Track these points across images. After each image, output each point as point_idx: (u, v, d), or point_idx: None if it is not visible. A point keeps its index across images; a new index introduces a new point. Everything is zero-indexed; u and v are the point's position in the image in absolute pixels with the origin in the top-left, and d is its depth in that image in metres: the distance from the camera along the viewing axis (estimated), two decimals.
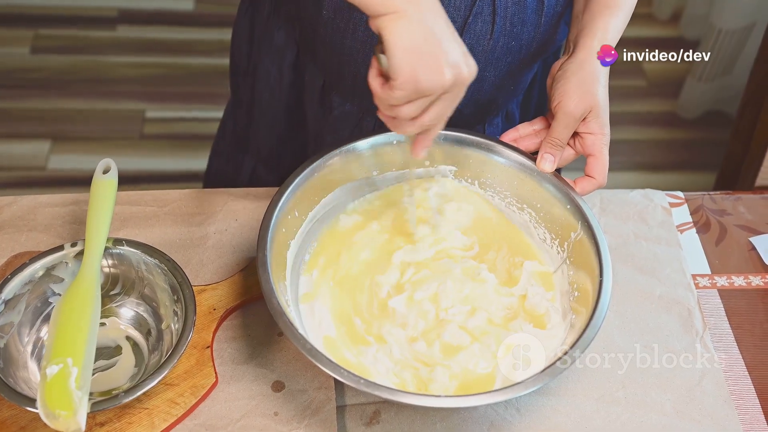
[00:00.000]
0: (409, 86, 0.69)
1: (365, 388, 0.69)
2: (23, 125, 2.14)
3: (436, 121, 0.74)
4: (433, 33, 0.69)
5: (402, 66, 0.68)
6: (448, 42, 0.70)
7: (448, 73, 0.69)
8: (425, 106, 0.71)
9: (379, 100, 0.72)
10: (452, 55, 0.70)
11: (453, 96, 0.72)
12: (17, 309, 0.79)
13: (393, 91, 0.69)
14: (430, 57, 0.69)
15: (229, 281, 0.87)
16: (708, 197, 1.04)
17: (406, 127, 0.74)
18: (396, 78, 0.68)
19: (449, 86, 0.70)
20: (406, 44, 0.68)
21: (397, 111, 0.72)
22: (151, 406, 0.77)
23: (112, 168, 0.85)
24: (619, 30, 0.88)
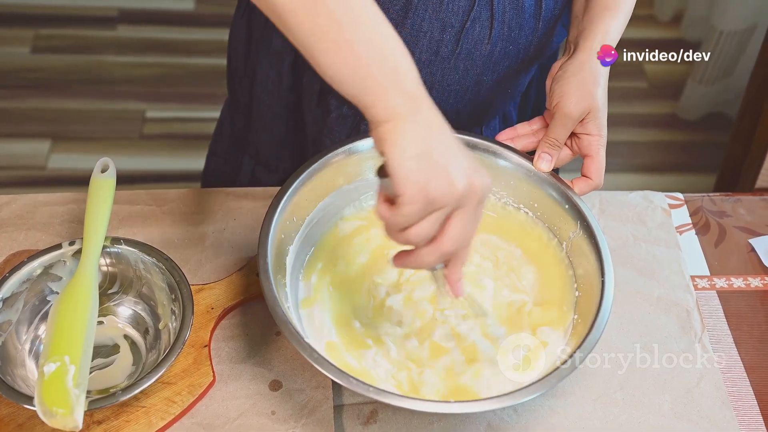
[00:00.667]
0: (418, 198, 0.61)
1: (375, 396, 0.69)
2: (23, 125, 2.14)
3: (457, 243, 0.65)
4: (440, 140, 0.64)
5: (407, 176, 0.61)
6: (456, 150, 0.64)
7: (458, 179, 0.63)
8: (440, 222, 0.64)
9: (390, 227, 0.64)
10: (462, 162, 0.64)
11: (469, 212, 0.64)
12: (15, 307, 0.79)
13: (401, 207, 0.62)
14: (437, 164, 0.62)
15: (226, 280, 0.87)
16: (708, 199, 1.04)
17: (426, 257, 0.65)
18: (402, 191, 0.61)
19: (461, 195, 0.63)
20: (410, 152, 0.62)
21: (410, 233, 0.63)
22: (149, 404, 0.77)
23: (111, 167, 0.85)
24: (619, 31, 0.88)
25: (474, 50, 0.90)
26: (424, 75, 0.92)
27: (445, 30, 0.88)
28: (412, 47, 0.89)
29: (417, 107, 0.64)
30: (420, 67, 0.90)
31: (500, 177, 0.89)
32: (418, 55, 0.90)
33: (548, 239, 0.88)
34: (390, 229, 0.65)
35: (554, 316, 0.83)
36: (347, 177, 0.88)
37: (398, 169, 0.62)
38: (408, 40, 0.89)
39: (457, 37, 0.89)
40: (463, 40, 0.89)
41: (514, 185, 0.89)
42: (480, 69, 0.93)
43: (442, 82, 0.93)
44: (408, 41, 0.89)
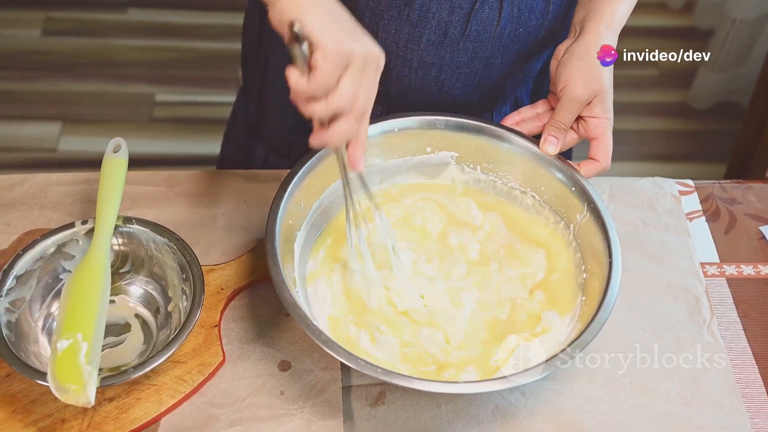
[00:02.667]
0: (335, 51, 0.65)
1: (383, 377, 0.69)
2: (34, 107, 2.15)
3: (366, 104, 0.70)
4: (342, 7, 0.69)
5: (322, 32, 0.65)
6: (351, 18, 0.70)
7: (366, 38, 0.68)
8: (356, 81, 0.67)
9: (310, 97, 0.67)
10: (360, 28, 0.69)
11: (373, 71, 0.69)
12: (29, 284, 0.79)
13: (320, 65, 0.65)
14: (347, 22, 0.68)
15: (237, 261, 0.87)
16: (718, 186, 1.03)
17: (343, 124, 0.69)
18: (319, 46, 0.65)
19: (367, 53, 0.68)
20: (318, 13, 0.66)
21: (336, 97, 0.67)
22: (159, 382, 0.77)
23: (123, 147, 0.85)
24: (626, 14, 0.88)
25: (483, 32, 0.90)
26: (433, 56, 0.92)
27: (454, 11, 0.88)
28: (420, 28, 0.89)
29: None
30: (429, 48, 0.91)
31: (507, 161, 0.89)
32: (427, 36, 0.90)
33: (555, 222, 0.88)
34: (309, 100, 0.67)
35: (561, 299, 0.83)
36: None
37: (316, 24, 0.65)
38: (416, 21, 0.89)
39: (466, 18, 0.89)
40: (472, 21, 0.89)
41: (520, 169, 0.89)
42: (489, 51, 0.92)
43: (450, 63, 0.93)
44: (416, 22, 0.89)
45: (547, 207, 0.89)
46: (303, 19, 0.65)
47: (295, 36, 0.65)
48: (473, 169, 0.91)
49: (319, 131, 0.70)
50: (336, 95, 0.67)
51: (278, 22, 0.67)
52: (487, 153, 0.90)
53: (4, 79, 2.21)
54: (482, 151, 0.90)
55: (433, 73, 0.93)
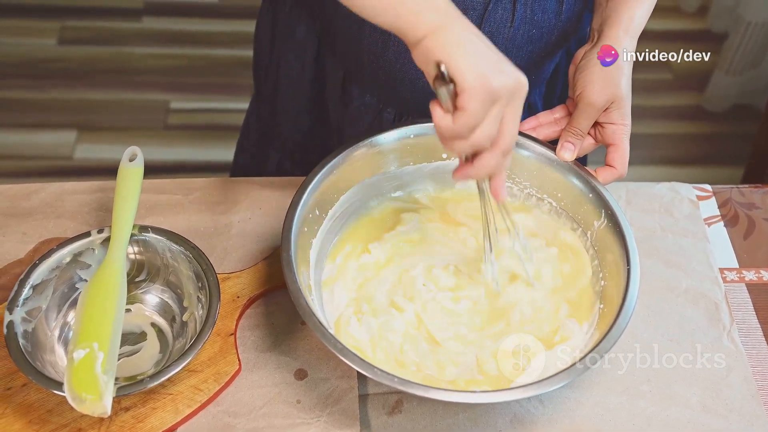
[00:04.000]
0: (481, 91, 0.64)
1: (400, 387, 0.69)
2: (50, 115, 2.16)
3: (512, 140, 0.69)
4: (484, 39, 0.67)
5: (470, 68, 0.64)
6: (496, 49, 0.68)
7: (511, 71, 0.67)
8: (499, 118, 0.67)
9: (453, 134, 0.66)
10: (505, 58, 0.68)
11: (517, 107, 0.68)
12: (45, 294, 0.80)
13: (466, 105, 0.64)
14: (491, 57, 0.66)
15: (252, 269, 0.87)
16: (736, 190, 1.02)
17: (489, 160, 0.69)
18: (465, 87, 0.64)
19: (514, 86, 0.67)
20: (467, 49, 0.65)
21: (476, 134, 0.66)
22: (175, 391, 0.77)
23: (139, 156, 0.85)
24: (644, 19, 0.87)
25: (496, 33, 0.90)
26: None
27: (467, 12, 0.88)
28: None
29: (452, 18, 0.67)
30: None
31: (523, 167, 0.89)
32: None
33: (572, 229, 0.87)
34: (452, 138, 0.67)
35: (580, 306, 0.82)
36: (369, 170, 0.87)
37: (461, 64, 0.64)
38: None
39: (479, 19, 0.88)
40: (486, 22, 0.88)
41: (537, 175, 0.88)
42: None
43: None
44: None
45: (564, 214, 0.88)
46: (449, 60, 0.65)
47: (441, 75, 0.65)
48: None
49: (464, 166, 0.70)
50: (478, 134, 0.66)
51: (423, 62, 0.67)
52: None
53: (20, 87, 2.23)
54: None
55: None
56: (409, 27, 0.67)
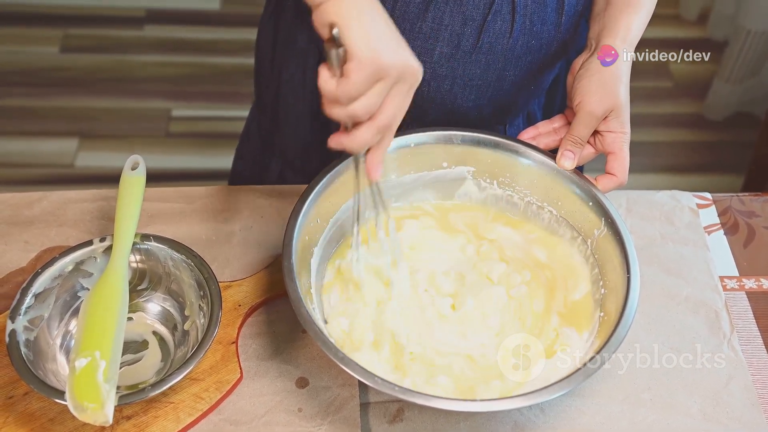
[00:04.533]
0: (370, 62, 0.65)
1: (401, 395, 0.69)
2: (52, 123, 2.17)
3: (392, 119, 0.70)
4: (384, 15, 0.68)
5: (363, 37, 0.64)
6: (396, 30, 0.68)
7: (405, 52, 0.67)
8: (383, 96, 0.67)
9: (334, 98, 0.66)
10: (403, 40, 0.68)
11: (404, 90, 0.69)
12: (47, 302, 0.80)
13: (351, 73, 0.65)
14: (388, 33, 0.67)
15: (254, 278, 0.87)
16: (736, 199, 1.03)
17: (363, 133, 0.69)
18: (354, 56, 0.64)
19: (404, 67, 0.67)
20: (360, 21, 0.65)
21: (356, 104, 0.66)
22: (177, 400, 0.77)
23: (141, 164, 0.86)
24: (641, 28, 0.88)
25: (496, 44, 0.90)
26: (446, 69, 0.92)
27: (467, 23, 0.88)
28: (432, 40, 0.89)
29: None
30: (441, 60, 0.91)
31: (523, 175, 0.89)
32: (439, 49, 0.90)
33: (572, 237, 0.87)
34: (333, 102, 0.67)
35: (579, 315, 0.82)
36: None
37: (355, 33, 0.64)
38: (429, 33, 0.89)
39: (478, 30, 0.89)
40: (485, 33, 0.89)
41: (537, 183, 0.89)
42: (502, 64, 0.92)
43: (463, 76, 0.93)
44: (429, 34, 0.89)
45: (564, 222, 0.88)
46: (344, 25, 0.65)
47: (332, 38, 0.65)
48: (490, 184, 0.91)
49: (340, 134, 0.70)
50: (357, 104, 0.67)
51: (320, 24, 0.67)
52: (503, 168, 0.90)
53: (22, 95, 2.23)
54: (499, 166, 0.90)
55: (445, 85, 0.94)
56: None
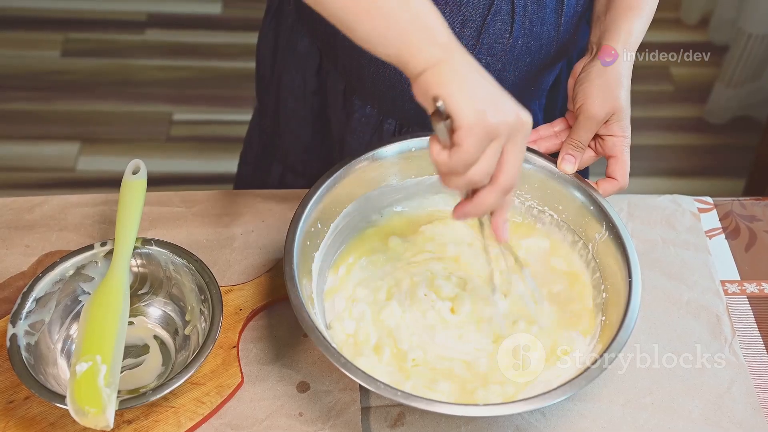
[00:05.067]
0: (478, 128, 0.63)
1: (402, 400, 0.69)
2: (53, 127, 2.17)
3: (512, 178, 0.68)
4: (485, 75, 0.67)
5: (468, 104, 0.63)
6: (498, 85, 0.67)
7: (511, 107, 0.66)
8: (497, 157, 0.66)
9: (450, 170, 0.65)
10: (507, 95, 0.67)
11: (519, 144, 0.67)
12: (48, 307, 0.80)
13: (462, 141, 0.63)
14: (491, 93, 0.65)
15: (255, 282, 0.87)
16: (737, 203, 1.02)
17: (487, 197, 0.68)
18: (462, 124, 0.63)
19: (514, 123, 0.65)
20: (466, 84, 0.64)
21: (472, 171, 0.65)
22: (178, 404, 0.77)
23: (142, 168, 0.86)
24: (642, 31, 0.88)
25: (495, 45, 0.90)
26: None
27: (466, 24, 0.88)
28: None
29: (453, 52, 0.66)
30: None
31: (524, 180, 0.89)
32: None
33: (573, 241, 0.87)
34: (449, 174, 0.66)
35: (581, 319, 0.82)
36: (371, 183, 0.88)
37: (458, 100, 0.63)
38: None
39: (477, 31, 0.89)
40: (484, 34, 0.89)
41: (538, 187, 0.89)
42: (501, 65, 0.92)
43: None
44: None
45: (565, 226, 0.88)
46: (447, 94, 0.64)
47: (437, 111, 0.64)
48: None
49: (463, 203, 0.70)
50: (474, 170, 0.65)
51: (422, 98, 0.66)
52: None
53: (23, 99, 2.24)
54: None
55: None
56: (409, 61, 0.66)
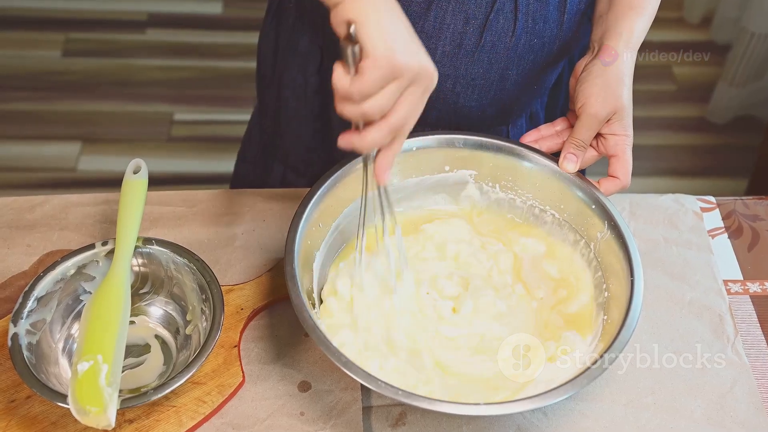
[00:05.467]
0: (384, 62, 0.64)
1: (404, 399, 0.69)
2: (54, 127, 2.17)
3: (404, 121, 0.69)
4: (402, 15, 0.67)
5: (376, 40, 0.64)
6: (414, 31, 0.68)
7: (421, 53, 0.67)
8: (395, 97, 0.67)
9: (347, 96, 0.66)
10: (419, 42, 0.68)
11: (419, 92, 0.68)
12: (49, 306, 0.80)
13: (365, 72, 0.64)
14: (405, 33, 0.66)
15: (256, 281, 0.87)
16: (740, 202, 1.02)
17: (374, 133, 0.68)
18: (369, 53, 0.64)
19: (419, 69, 0.66)
20: (378, 19, 0.64)
21: (368, 103, 0.66)
22: (179, 404, 0.77)
23: (143, 168, 0.86)
24: (644, 30, 0.88)
25: (498, 43, 0.90)
26: (448, 68, 0.92)
27: (469, 22, 0.88)
28: (435, 39, 0.89)
29: None
30: (443, 59, 0.91)
31: (526, 179, 0.89)
32: (441, 48, 0.90)
33: (575, 241, 0.87)
34: (345, 100, 0.66)
35: (582, 318, 0.82)
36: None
37: (372, 30, 0.64)
38: (431, 32, 0.89)
39: (480, 29, 0.89)
40: (487, 32, 0.89)
41: (540, 187, 0.89)
42: (504, 63, 0.92)
43: (465, 75, 0.93)
44: (431, 33, 0.89)
45: (567, 225, 0.88)
46: (361, 22, 0.64)
47: (349, 36, 0.64)
48: (492, 187, 0.91)
49: (351, 132, 0.70)
50: (369, 102, 0.66)
51: (337, 21, 0.66)
52: (506, 171, 0.90)
53: (24, 99, 2.24)
54: (501, 169, 0.90)
55: (447, 85, 0.93)
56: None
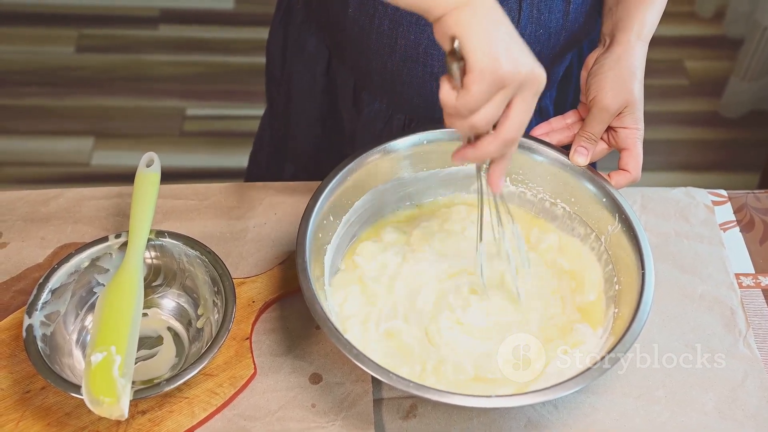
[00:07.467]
0: (488, 75, 0.63)
1: (415, 391, 0.69)
2: (67, 122, 2.19)
3: (516, 131, 0.68)
4: (506, 23, 0.66)
5: (479, 53, 0.63)
6: (519, 37, 0.66)
7: (526, 60, 0.65)
8: (503, 106, 0.66)
9: (455, 111, 0.66)
10: (526, 48, 0.66)
11: (528, 99, 0.67)
12: (63, 298, 0.80)
13: (470, 85, 0.64)
14: (508, 42, 0.65)
15: (268, 274, 0.87)
16: (752, 196, 1.02)
17: (487, 146, 0.68)
18: (473, 67, 0.63)
19: (526, 76, 0.65)
20: (479, 31, 0.63)
21: (476, 116, 0.65)
22: (192, 395, 0.78)
23: (156, 161, 0.86)
24: (655, 23, 0.87)
25: None
26: None
27: None
28: None
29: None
30: None
31: (536, 172, 0.89)
32: None
33: (586, 234, 0.87)
34: (453, 115, 0.66)
35: (593, 311, 0.82)
36: (383, 176, 0.88)
37: (474, 43, 0.63)
38: None
39: None
40: None
41: (550, 180, 0.89)
42: None
43: None
44: None
45: (578, 218, 0.88)
46: (464, 36, 0.64)
47: (453, 51, 0.64)
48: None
49: (464, 147, 0.70)
50: (477, 115, 0.65)
51: (441, 37, 0.66)
52: (516, 164, 0.89)
53: (38, 95, 2.25)
54: (512, 162, 0.89)
55: None
56: (432, 4, 0.65)
